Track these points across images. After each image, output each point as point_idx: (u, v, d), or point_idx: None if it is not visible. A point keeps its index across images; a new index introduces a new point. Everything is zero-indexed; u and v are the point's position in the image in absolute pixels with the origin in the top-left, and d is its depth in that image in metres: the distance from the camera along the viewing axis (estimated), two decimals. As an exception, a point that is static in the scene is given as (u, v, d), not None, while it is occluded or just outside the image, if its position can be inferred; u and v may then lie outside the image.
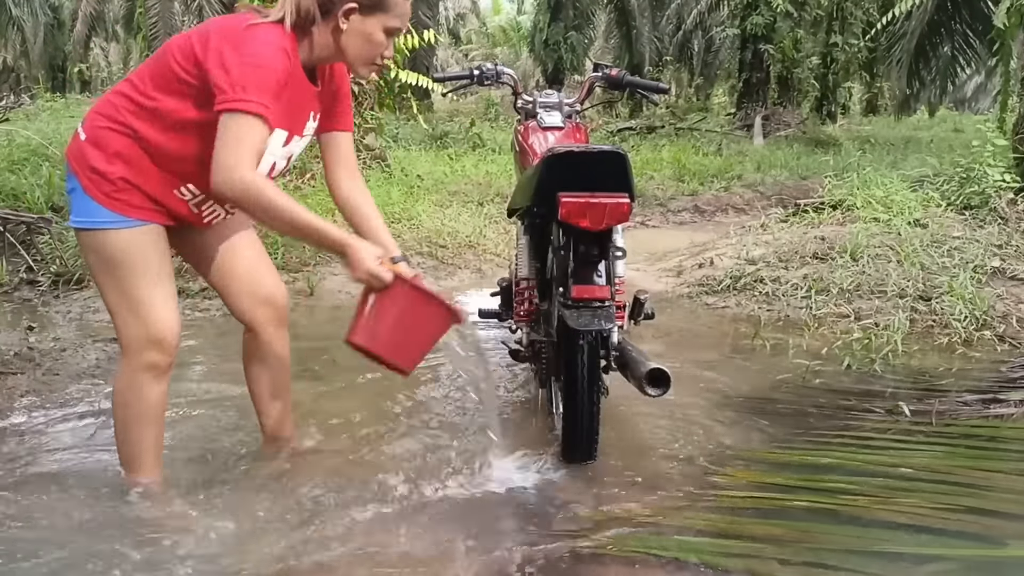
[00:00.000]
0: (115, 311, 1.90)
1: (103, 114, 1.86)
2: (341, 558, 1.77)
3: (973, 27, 10.12)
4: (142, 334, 1.89)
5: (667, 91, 3.70)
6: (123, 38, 25.63)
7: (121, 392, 1.94)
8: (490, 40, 37.31)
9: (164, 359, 1.92)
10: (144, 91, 1.84)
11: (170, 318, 1.92)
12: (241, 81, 1.71)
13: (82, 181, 1.84)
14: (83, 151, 1.85)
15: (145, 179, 1.85)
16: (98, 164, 1.83)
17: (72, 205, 1.88)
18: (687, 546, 1.82)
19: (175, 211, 1.92)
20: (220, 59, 1.73)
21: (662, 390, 2.02)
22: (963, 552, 1.83)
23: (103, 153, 1.83)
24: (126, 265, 1.86)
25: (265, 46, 1.75)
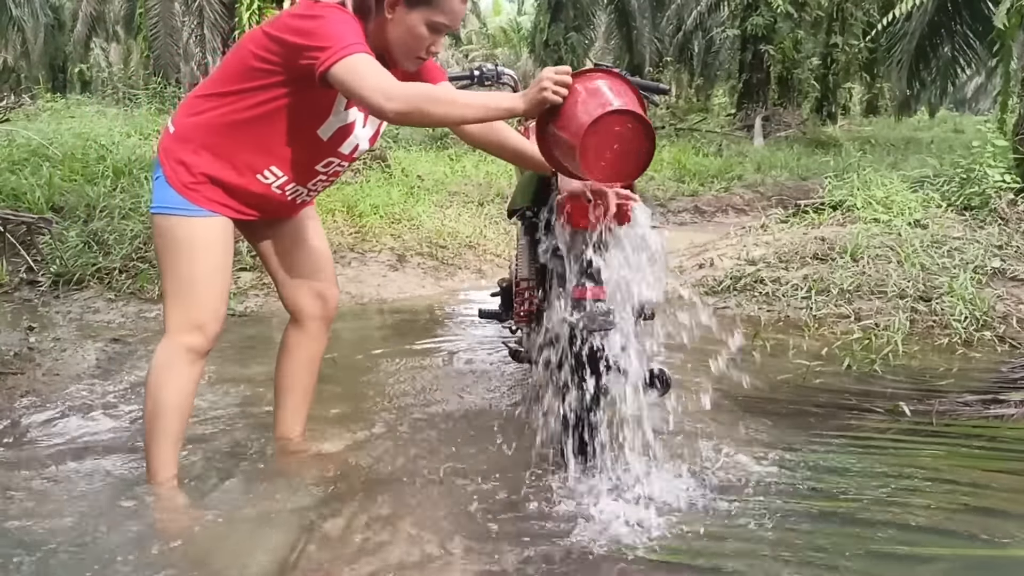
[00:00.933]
0: (168, 292, 1.98)
1: (191, 108, 1.97)
2: (341, 558, 1.77)
3: (973, 28, 10.12)
4: (187, 316, 1.96)
5: (667, 92, 3.70)
6: (123, 38, 25.63)
7: (158, 370, 1.98)
8: (490, 41, 37.33)
9: (203, 344, 1.99)
10: (225, 84, 1.92)
11: (217, 307, 1.99)
12: (329, 36, 1.75)
13: (166, 171, 1.94)
14: (172, 144, 1.96)
15: (228, 169, 1.94)
16: (184, 156, 1.93)
17: (153, 192, 1.98)
18: (687, 546, 1.82)
19: (257, 198, 2.00)
20: (300, 30, 1.79)
21: (663, 391, 2.02)
22: (963, 552, 1.83)
23: (190, 145, 1.93)
24: (188, 250, 1.95)
25: (335, 10, 1.81)
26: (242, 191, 1.98)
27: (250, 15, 6.00)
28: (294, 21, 1.81)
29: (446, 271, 4.96)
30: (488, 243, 5.52)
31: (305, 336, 2.28)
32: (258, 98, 1.89)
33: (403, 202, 6.06)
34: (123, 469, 2.19)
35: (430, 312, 4.18)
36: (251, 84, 1.88)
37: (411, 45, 1.92)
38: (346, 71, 1.73)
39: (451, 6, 1.90)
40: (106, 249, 4.46)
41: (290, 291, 2.25)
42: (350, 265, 4.83)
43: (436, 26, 1.90)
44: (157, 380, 1.98)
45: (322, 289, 2.26)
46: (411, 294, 4.51)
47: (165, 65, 16.48)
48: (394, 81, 1.75)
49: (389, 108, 1.73)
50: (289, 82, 1.85)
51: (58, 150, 5.99)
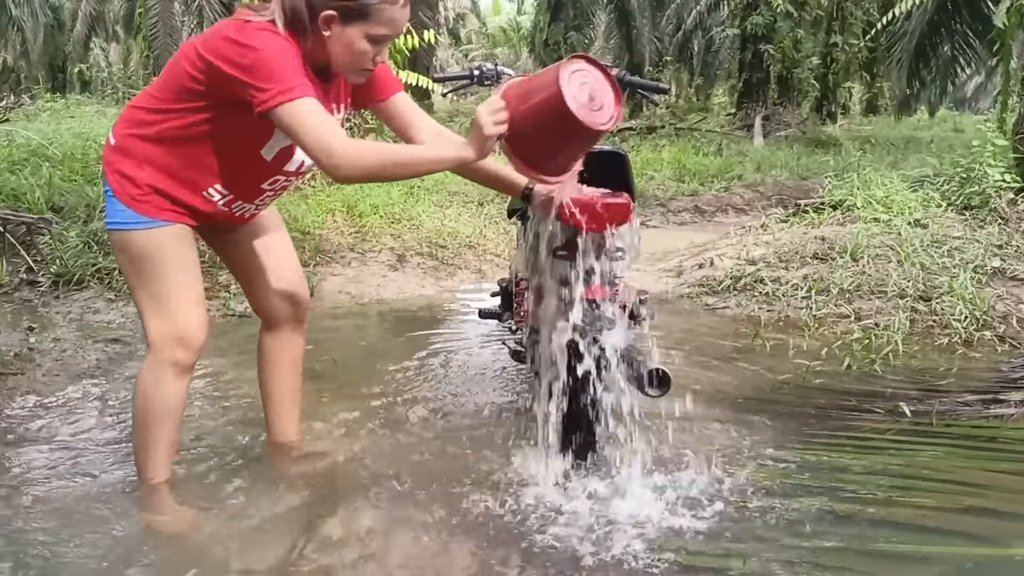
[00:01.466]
0: (142, 309, 1.94)
1: (130, 121, 1.90)
2: (341, 559, 1.77)
3: (973, 27, 10.12)
4: (167, 331, 1.91)
5: (667, 91, 3.70)
6: (123, 38, 25.63)
7: (143, 386, 1.95)
8: (490, 40, 37.33)
9: (188, 357, 1.95)
10: (162, 100, 1.85)
11: (195, 317, 1.94)
12: (269, 76, 1.68)
13: (112, 185, 1.88)
14: (114, 157, 1.89)
15: (172, 183, 1.88)
16: (126, 169, 1.87)
17: (107, 208, 1.92)
18: (686, 548, 1.82)
19: (205, 212, 1.94)
20: (238, 64, 1.70)
21: (663, 391, 2.01)
22: (963, 552, 1.83)
23: (131, 159, 1.87)
24: (151, 264, 1.90)
25: (270, 38, 1.72)
26: (189, 205, 1.91)
27: (250, 15, 5.99)
28: (230, 50, 1.71)
29: (446, 271, 4.96)
30: (488, 243, 5.51)
31: (280, 340, 2.24)
32: (196, 118, 1.82)
33: (403, 202, 6.06)
34: (123, 469, 2.19)
35: (430, 312, 4.18)
36: (188, 104, 1.81)
37: (353, 60, 1.84)
38: (289, 118, 1.68)
39: (390, 15, 1.79)
40: (106, 249, 4.46)
41: (258, 296, 2.19)
42: (350, 265, 4.83)
43: (376, 38, 1.81)
44: (145, 398, 1.94)
45: (290, 291, 2.20)
46: (411, 294, 4.51)
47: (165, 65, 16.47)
48: (336, 137, 1.69)
49: (330, 165, 1.69)
50: (226, 106, 1.78)
51: (58, 150, 5.99)
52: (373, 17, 1.77)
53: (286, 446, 2.32)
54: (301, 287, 2.24)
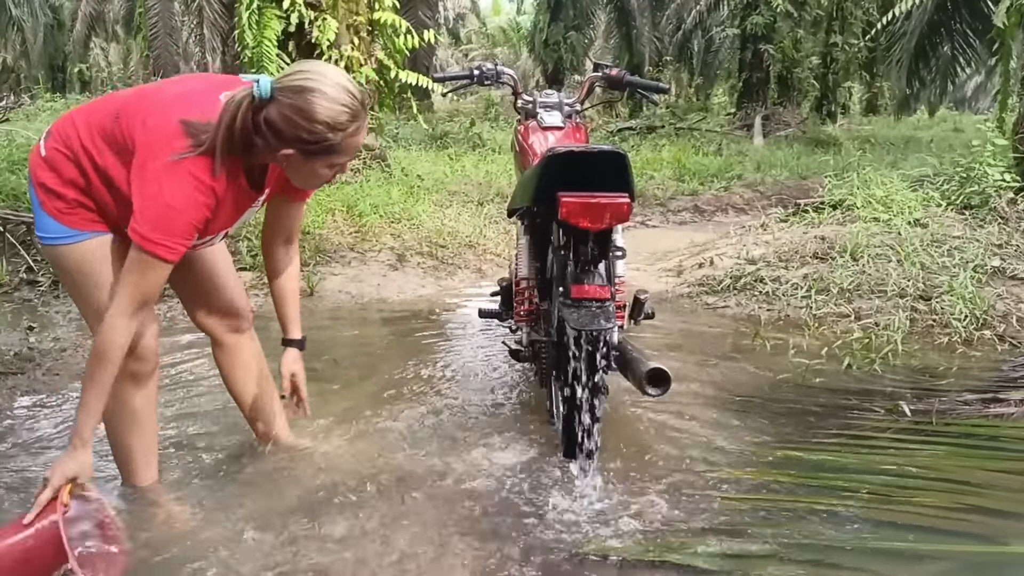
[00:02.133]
0: (89, 322, 1.87)
1: (61, 137, 1.79)
2: (339, 560, 1.77)
3: (973, 27, 10.13)
4: None
5: (667, 91, 3.70)
6: (123, 38, 25.65)
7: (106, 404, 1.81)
8: (490, 40, 37.33)
9: (142, 366, 1.88)
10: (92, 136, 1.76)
11: (143, 326, 1.83)
12: (156, 222, 1.63)
13: (39, 196, 1.80)
14: (40, 169, 1.80)
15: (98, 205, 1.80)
16: (53, 185, 1.78)
17: (37, 222, 1.84)
18: (687, 546, 1.82)
19: None
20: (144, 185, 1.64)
21: (662, 390, 2.01)
22: (963, 551, 1.83)
23: (58, 176, 1.78)
24: (88, 277, 1.82)
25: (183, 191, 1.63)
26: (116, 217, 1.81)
27: (249, 15, 5.99)
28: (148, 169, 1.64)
29: (446, 271, 4.96)
30: (488, 243, 5.51)
31: (228, 352, 2.17)
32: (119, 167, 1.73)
33: (403, 202, 6.06)
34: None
35: (430, 312, 4.18)
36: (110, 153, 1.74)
37: (312, 182, 1.83)
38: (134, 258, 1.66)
39: (351, 144, 1.72)
40: (106, 249, 4.47)
41: (197, 311, 2.13)
42: (350, 265, 4.83)
43: (336, 164, 1.76)
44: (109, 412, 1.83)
45: (226, 305, 2.13)
46: (411, 294, 4.51)
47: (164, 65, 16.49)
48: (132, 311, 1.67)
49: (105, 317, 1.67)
50: None
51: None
52: (336, 150, 1.70)
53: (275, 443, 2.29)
54: (238, 299, 2.16)
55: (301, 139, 1.65)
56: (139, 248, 1.64)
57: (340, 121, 1.65)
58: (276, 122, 1.64)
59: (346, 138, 1.68)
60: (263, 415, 2.26)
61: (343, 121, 1.65)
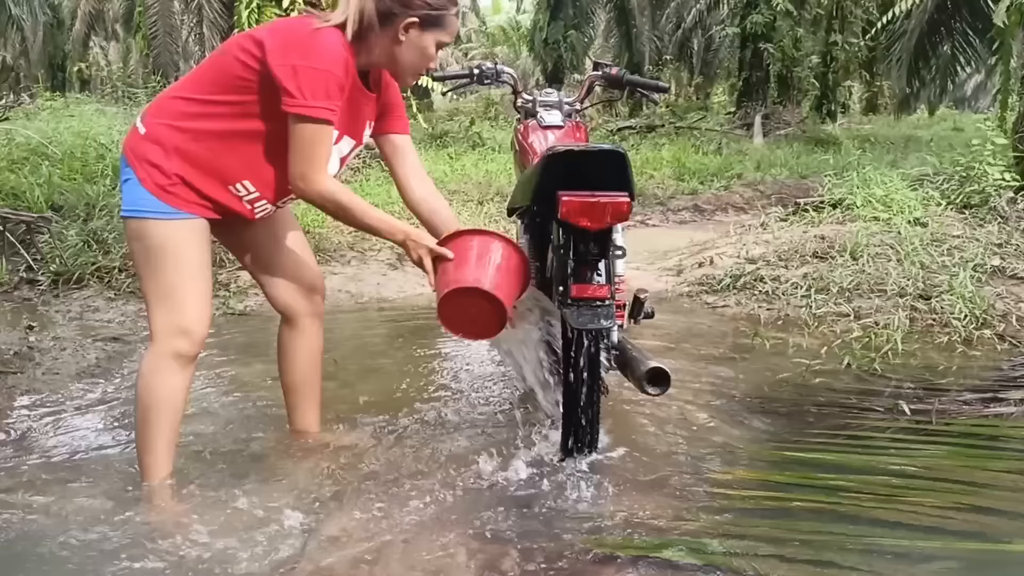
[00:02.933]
0: (150, 298, 1.97)
1: (164, 111, 1.96)
2: (341, 559, 1.77)
3: (973, 26, 10.13)
4: (172, 322, 1.95)
5: (667, 90, 3.70)
6: (123, 37, 25.63)
7: (146, 376, 1.97)
8: (490, 39, 37.30)
9: (190, 349, 1.99)
10: (203, 92, 1.93)
11: (201, 311, 1.99)
12: (309, 85, 1.81)
13: (138, 173, 1.92)
14: (142, 145, 1.93)
15: (201, 176, 1.94)
16: (156, 159, 1.91)
17: (123, 195, 1.96)
18: (687, 546, 1.82)
19: (226, 206, 2.00)
20: (286, 62, 1.82)
21: (662, 389, 2.02)
22: (963, 550, 1.83)
23: (162, 148, 1.91)
24: (166, 255, 1.94)
25: (328, 51, 1.84)
26: (213, 198, 1.97)
27: (249, 13, 5.99)
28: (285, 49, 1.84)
29: (446, 270, 4.95)
30: (488, 242, 5.50)
31: (300, 335, 2.28)
32: (242, 110, 1.91)
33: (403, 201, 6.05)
34: (122, 469, 2.19)
35: (430, 311, 4.18)
36: (235, 97, 1.90)
37: (420, 63, 2.02)
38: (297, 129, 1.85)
39: (455, 25, 2.02)
40: (106, 248, 4.46)
41: (277, 291, 2.24)
42: (350, 264, 4.83)
43: (441, 45, 2.01)
44: (147, 388, 1.97)
45: (309, 285, 2.27)
46: (411, 293, 4.51)
47: (164, 63, 16.48)
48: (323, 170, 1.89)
49: (300, 189, 1.91)
50: (271, 100, 1.87)
51: (57, 149, 5.99)
52: (444, 25, 1.98)
53: (306, 435, 2.37)
54: (319, 280, 2.32)
55: (428, 4, 1.93)
56: (302, 119, 1.84)
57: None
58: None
59: (452, 15, 1.99)
60: (305, 404, 2.36)
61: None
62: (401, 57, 1.98)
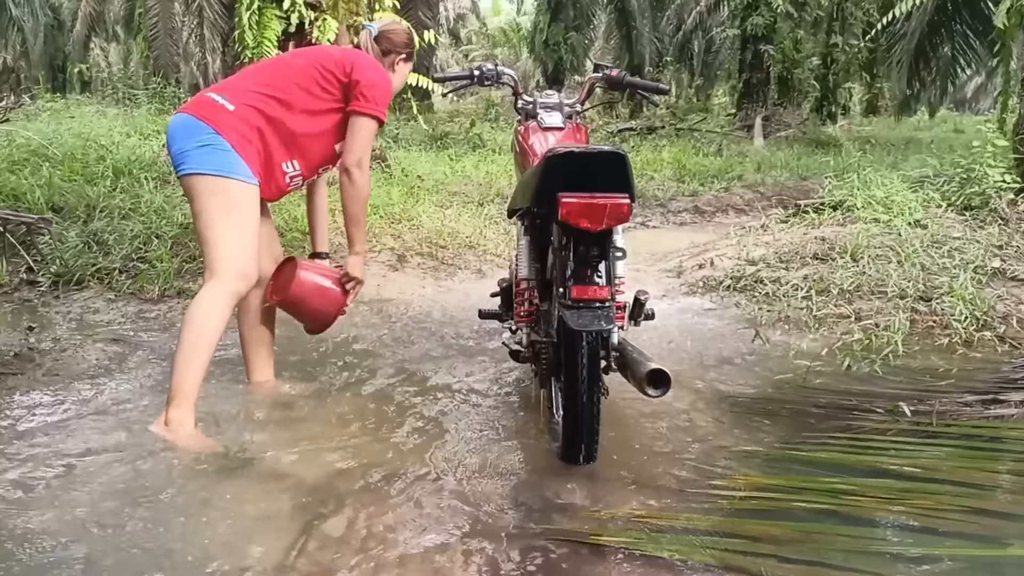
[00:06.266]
0: (218, 243, 2.42)
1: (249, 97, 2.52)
2: (340, 557, 1.77)
3: (973, 27, 10.13)
4: (239, 268, 2.44)
5: (667, 92, 3.70)
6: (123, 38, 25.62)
7: (203, 307, 2.38)
8: (490, 41, 37.31)
9: (245, 290, 2.49)
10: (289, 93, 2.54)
11: (256, 260, 2.52)
12: (381, 98, 2.59)
13: (233, 142, 2.44)
14: (235, 122, 2.48)
15: (270, 149, 2.52)
16: (245, 131, 2.47)
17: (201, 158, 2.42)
18: (687, 546, 1.82)
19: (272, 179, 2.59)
20: (371, 80, 2.58)
21: (662, 390, 2.02)
22: (964, 552, 1.83)
23: (248, 125, 2.49)
24: (243, 211, 2.46)
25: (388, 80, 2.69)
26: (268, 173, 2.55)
27: (250, 15, 5.99)
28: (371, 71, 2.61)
29: (446, 271, 4.95)
30: (488, 243, 5.51)
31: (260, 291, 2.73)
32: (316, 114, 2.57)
33: (403, 202, 6.06)
34: (122, 469, 2.19)
35: (430, 311, 4.18)
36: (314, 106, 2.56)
37: (397, 90, 2.81)
38: (363, 124, 2.58)
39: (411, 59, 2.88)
40: (106, 249, 4.46)
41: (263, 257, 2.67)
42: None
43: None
44: (205, 316, 2.37)
45: (277, 254, 2.81)
46: (411, 294, 4.50)
47: (165, 65, 16.49)
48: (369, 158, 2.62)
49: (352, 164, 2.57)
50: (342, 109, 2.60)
51: (58, 150, 5.99)
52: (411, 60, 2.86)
53: (264, 384, 2.82)
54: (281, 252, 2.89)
55: (407, 44, 2.83)
56: (370, 117, 2.58)
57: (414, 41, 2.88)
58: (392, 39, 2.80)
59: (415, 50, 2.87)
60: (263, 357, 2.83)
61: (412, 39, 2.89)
62: (395, 84, 2.78)
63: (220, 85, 2.66)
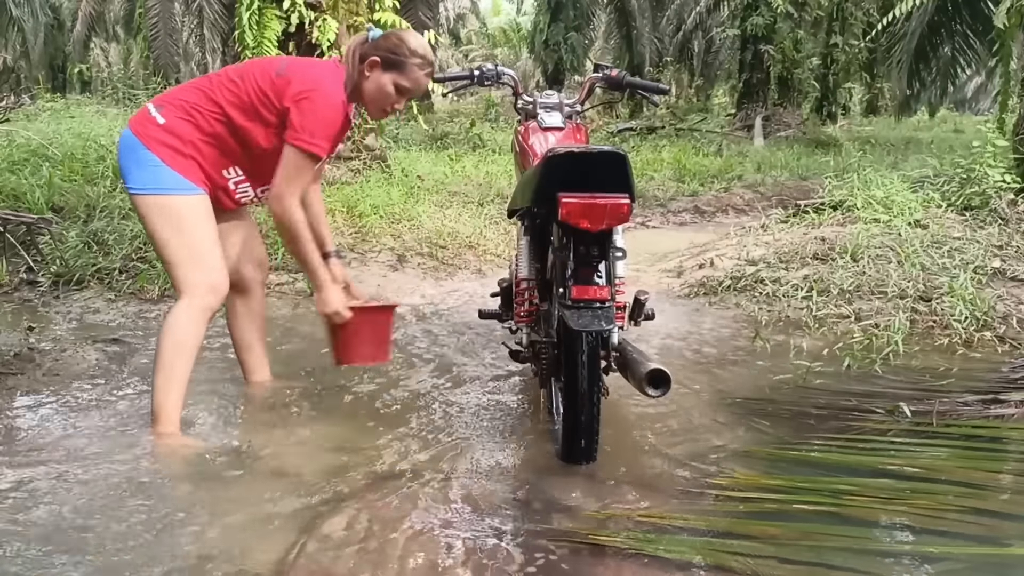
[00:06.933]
0: (177, 261, 2.36)
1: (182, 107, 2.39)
2: (340, 558, 1.77)
3: (973, 27, 10.11)
4: (205, 281, 2.36)
5: (667, 92, 3.70)
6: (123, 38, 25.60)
7: (176, 326, 2.34)
8: (490, 41, 37.33)
9: (218, 302, 2.42)
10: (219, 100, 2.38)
11: (224, 271, 2.43)
12: (314, 127, 2.32)
13: (162, 156, 2.34)
14: (161, 134, 2.37)
15: (207, 159, 2.40)
16: (176, 144, 2.35)
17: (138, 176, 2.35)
18: (687, 546, 1.82)
19: (219, 186, 2.47)
20: (300, 104, 2.32)
21: (662, 391, 2.02)
22: (964, 552, 1.83)
23: (179, 139, 2.36)
24: (194, 224, 2.37)
25: (334, 105, 2.35)
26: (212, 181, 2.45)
27: (250, 15, 5.98)
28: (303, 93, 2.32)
29: (446, 271, 4.95)
30: (488, 243, 5.51)
31: (252, 298, 2.75)
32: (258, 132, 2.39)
33: (403, 202, 6.06)
34: (122, 469, 2.19)
35: (429, 312, 4.18)
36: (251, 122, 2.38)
37: (380, 100, 2.45)
38: (291, 155, 2.34)
39: (415, 75, 2.43)
40: (106, 249, 4.46)
41: (236, 265, 2.65)
42: (350, 265, 4.82)
43: (401, 88, 2.43)
44: (180, 337, 2.32)
45: (258, 258, 2.77)
46: (411, 294, 4.50)
47: (165, 65, 16.49)
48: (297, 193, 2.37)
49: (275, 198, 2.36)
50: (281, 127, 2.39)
51: (58, 150, 5.99)
52: (403, 71, 2.41)
53: (263, 384, 2.82)
54: (265, 256, 2.85)
55: (389, 50, 2.40)
56: (301, 151, 2.33)
57: (418, 52, 2.41)
58: (379, 41, 2.42)
59: (415, 66, 2.41)
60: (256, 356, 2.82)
61: (421, 54, 2.42)
62: (366, 92, 2.44)
63: (163, 95, 2.54)
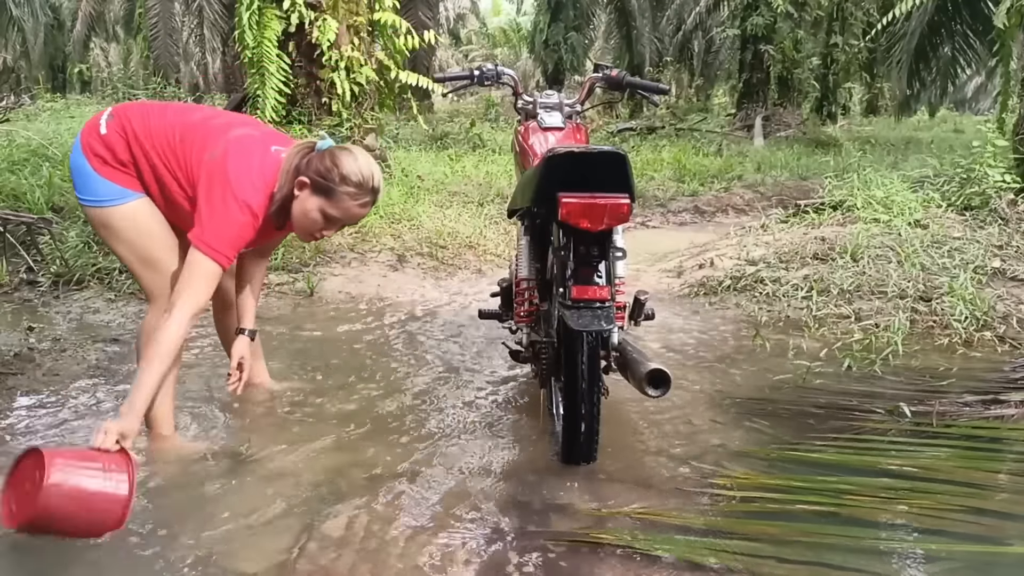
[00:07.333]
0: (137, 269, 2.28)
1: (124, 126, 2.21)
2: (340, 558, 1.77)
3: (973, 27, 10.11)
4: (165, 283, 2.23)
5: (667, 92, 3.70)
6: (123, 38, 25.61)
7: (149, 331, 2.21)
8: (490, 41, 37.35)
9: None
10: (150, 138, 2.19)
11: None
12: (217, 232, 2.06)
13: (93, 165, 2.19)
14: (98, 143, 2.20)
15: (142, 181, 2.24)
16: (107, 157, 2.20)
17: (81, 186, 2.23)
18: (687, 545, 1.82)
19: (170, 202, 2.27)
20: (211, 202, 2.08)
21: (662, 390, 2.02)
22: (964, 551, 1.83)
23: (112, 153, 2.20)
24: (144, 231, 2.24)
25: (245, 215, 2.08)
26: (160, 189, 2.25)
27: (250, 15, 5.98)
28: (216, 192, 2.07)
29: (446, 271, 4.95)
30: (488, 243, 5.51)
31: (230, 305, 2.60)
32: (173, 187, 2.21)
33: (403, 202, 6.06)
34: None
35: (429, 312, 4.18)
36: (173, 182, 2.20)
37: (306, 225, 2.19)
38: (195, 259, 2.06)
39: (346, 206, 2.15)
40: (106, 249, 4.46)
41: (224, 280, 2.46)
42: (350, 265, 4.82)
43: (329, 217, 2.17)
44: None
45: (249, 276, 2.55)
46: (411, 294, 4.50)
47: (165, 65, 16.50)
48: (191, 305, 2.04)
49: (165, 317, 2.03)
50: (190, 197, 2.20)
51: (58, 150, 5.99)
52: (333, 199, 2.14)
53: (261, 386, 2.78)
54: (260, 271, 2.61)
55: (320, 173, 2.12)
56: (205, 256, 2.06)
57: (351, 179, 2.12)
58: (314, 160, 2.14)
59: (346, 195, 2.13)
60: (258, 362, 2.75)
61: (355, 181, 2.12)
62: (293, 212, 2.18)
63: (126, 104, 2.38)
